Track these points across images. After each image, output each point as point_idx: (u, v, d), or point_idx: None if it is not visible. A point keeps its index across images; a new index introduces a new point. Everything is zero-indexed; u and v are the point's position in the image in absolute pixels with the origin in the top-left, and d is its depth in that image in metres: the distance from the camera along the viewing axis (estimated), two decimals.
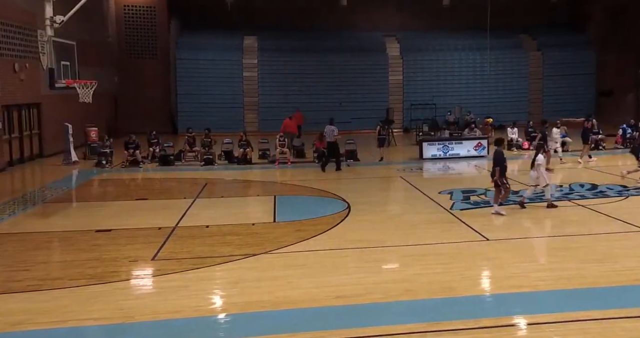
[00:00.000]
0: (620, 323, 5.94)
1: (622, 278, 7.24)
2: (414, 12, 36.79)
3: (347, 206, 12.58)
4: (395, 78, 35.90)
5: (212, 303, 7.13)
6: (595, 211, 11.21)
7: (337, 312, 6.61)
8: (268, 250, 9.15)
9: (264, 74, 34.80)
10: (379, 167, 19.68)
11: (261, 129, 33.09)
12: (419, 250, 8.96)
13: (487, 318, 6.20)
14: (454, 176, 18.24)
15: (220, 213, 12.29)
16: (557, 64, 36.29)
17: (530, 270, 7.71)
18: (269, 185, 16.68)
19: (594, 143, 21.92)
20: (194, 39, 34.87)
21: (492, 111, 32.35)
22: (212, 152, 20.53)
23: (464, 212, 11.63)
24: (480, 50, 35.48)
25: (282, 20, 35.55)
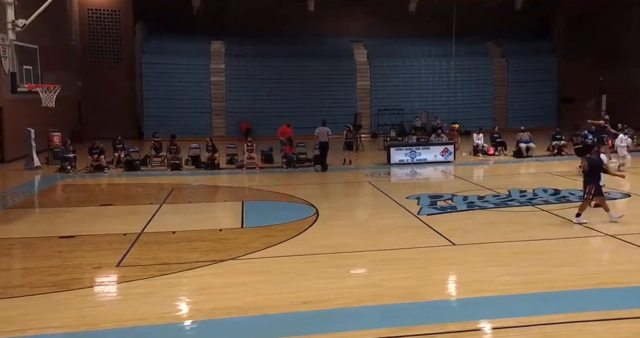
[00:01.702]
0: (584, 326, 6.04)
1: (585, 282, 7.37)
2: (381, 19, 37.09)
3: (315, 211, 12.56)
4: (363, 83, 36.13)
5: (178, 310, 7.03)
6: (558, 216, 11.42)
7: (304, 317, 6.59)
8: (235, 256, 9.07)
9: (232, 79, 34.64)
10: (347, 172, 19.75)
11: (229, 134, 32.95)
12: (387, 255, 8.99)
13: (453, 323, 6.23)
14: (421, 181, 18.42)
15: (187, 219, 12.15)
16: (521, 71, 37.02)
17: (495, 275, 7.80)
18: (237, 191, 16.57)
19: (557, 149, 22.37)
20: (160, 43, 34.53)
21: (459, 117, 32.84)
22: (179, 157, 20.32)
23: (431, 217, 11.72)
24: (447, 56, 35.98)
25: (250, 25, 35.43)
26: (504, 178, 17.44)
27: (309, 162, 20.98)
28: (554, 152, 22.44)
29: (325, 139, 19.73)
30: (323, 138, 19.74)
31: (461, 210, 12.40)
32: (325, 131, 19.85)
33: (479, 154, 23.12)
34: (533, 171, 19.47)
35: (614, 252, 8.78)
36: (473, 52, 37.26)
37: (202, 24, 34.71)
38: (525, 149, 22.19)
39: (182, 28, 34.42)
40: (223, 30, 35.55)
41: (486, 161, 22.03)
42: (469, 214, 12.06)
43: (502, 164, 21.30)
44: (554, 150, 22.45)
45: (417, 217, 11.79)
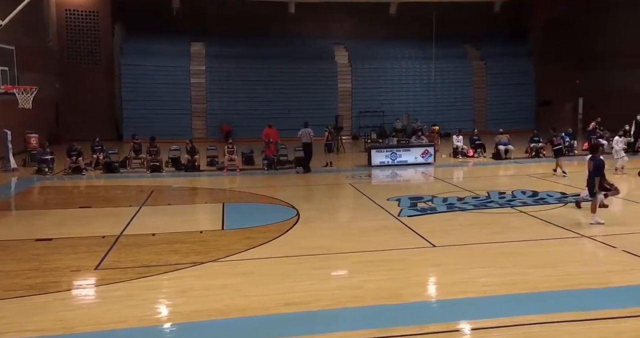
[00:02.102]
0: (562, 326, 6.11)
1: (564, 283, 7.46)
2: (362, 21, 37.25)
3: (296, 213, 12.56)
4: (344, 86, 36.24)
5: (157, 312, 6.97)
6: (536, 218, 11.55)
7: (286, 319, 6.58)
8: (216, 258, 9.03)
9: (212, 81, 34.51)
10: (328, 174, 19.77)
11: (209, 135, 32.80)
12: (368, 257, 9.01)
13: (434, 324, 6.27)
14: (401, 183, 18.50)
15: (167, 221, 12.06)
16: (499, 74, 37.42)
17: (475, 276, 7.86)
18: (217, 193, 16.50)
19: (535, 151, 22.63)
20: (139, 44, 34.27)
21: (439, 119, 33.04)
22: (158, 159, 20.17)
23: (412, 218, 11.78)
24: (427, 59, 36.25)
25: (230, 26, 35.36)
26: (483, 180, 17.60)
27: (290, 164, 20.97)
28: (532, 154, 22.71)
29: (308, 140, 19.76)
30: (306, 139, 19.76)
31: (441, 212, 12.49)
32: (307, 132, 19.91)
33: (458, 156, 23.30)
34: (511, 173, 19.67)
35: (591, 253, 8.91)
36: (452, 55, 37.61)
37: (182, 25, 34.58)
38: (504, 151, 22.42)
39: (162, 29, 34.24)
40: (203, 32, 35.44)
41: (466, 163, 22.21)
42: (449, 216, 12.14)
43: (481, 165, 21.49)
44: (532, 153, 22.71)
45: (398, 218, 11.84)
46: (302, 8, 34.53)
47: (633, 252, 8.71)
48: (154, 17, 34.06)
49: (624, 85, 32.84)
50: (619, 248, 8.96)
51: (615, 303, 6.70)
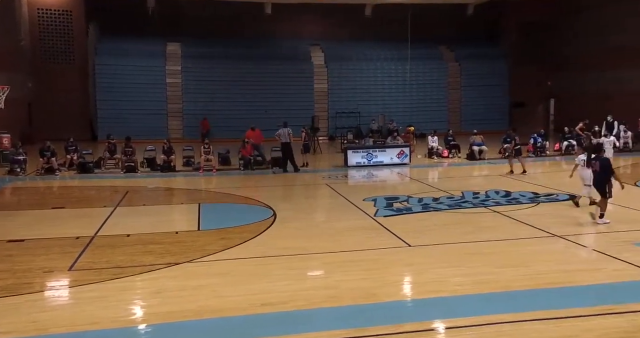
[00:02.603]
0: (532, 325, 6.21)
1: (535, 282, 7.58)
2: (337, 22, 37.35)
3: (272, 213, 12.56)
4: (320, 86, 36.31)
5: (132, 313, 6.93)
6: (509, 217, 11.72)
7: (262, 319, 6.58)
8: (192, 259, 8.99)
9: (188, 81, 34.31)
10: (305, 174, 19.80)
11: (185, 136, 32.59)
12: (344, 257, 9.06)
13: (408, 323, 6.33)
14: (377, 183, 18.60)
15: (142, 221, 11.98)
16: (473, 75, 37.84)
17: (449, 275, 7.96)
18: (193, 193, 16.42)
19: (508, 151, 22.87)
20: (113, 44, 33.90)
21: (414, 120, 33.28)
22: (134, 159, 20.00)
23: (387, 218, 11.86)
24: (402, 60, 36.51)
25: (206, 27, 35.18)
26: (457, 180, 17.79)
27: (266, 164, 20.95)
28: (505, 154, 22.95)
29: (287, 139, 19.77)
30: (285, 139, 19.77)
31: (417, 212, 12.60)
32: (286, 132, 19.91)
33: (433, 157, 23.51)
34: (485, 173, 19.92)
35: (561, 253, 9.06)
36: (427, 56, 37.90)
37: (157, 25, 34.26)
38: (478, 151, 22.68)
39: (137, 29, 33.90)
40: (179, 32, 35.19)
41: (440, 163, 22.43)
42: (424, 216, 12.26)
43: (455, 166, 21.72)
44: (505, 153, 22.95)
45: (374, 218, 11.91)
46: (278, 9, 34.49)
47: (602, 251, 8.90)
48: (129, 17, 33.70)
49: (595, 87, 33.47)
50: (589, 247, 9.15)
51: (584, 301, 6.83)
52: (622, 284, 7.47)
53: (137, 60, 33.52)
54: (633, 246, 9.16)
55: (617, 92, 31.16)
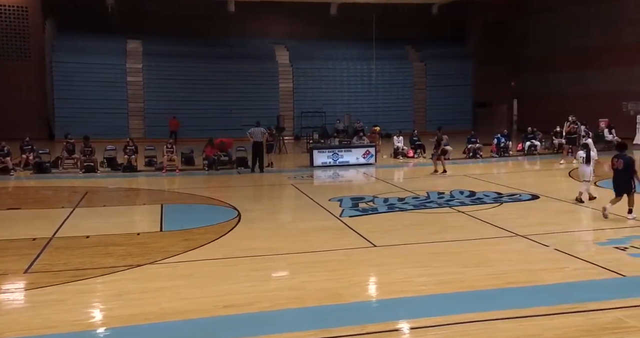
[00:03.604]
0: (496, 324, 6.24)
1: (498, 281, 7.63)
2: (303, 21, 37.30)
3: (237, 214, 12.42)
4: (285, 86, 36.19)
5: (91, 317, 6.74)
6: (473, 217, 11.82)
7: (225, 321, 6.48)
8: (154, 261, 8.81)
9: (150, 79, 33.74)
10: (270, 174, 19.68)
11: (147, 135, 32.06)
12: (309, 258, 9.00)
13: (373, 324, 6.29)
14: (343, 183, 18.60)
15: (102, 222, 11.71)
16: (439, 75, 38.19)
17: (414, 275, 7.96)
18: (156, 194, 16.14)
19: (472, 152, 23.21)
20: (71, 41, 33.10)
21: (380, 120, 33.45)
22: (93, 159, 19.56)
23: (353, 219, 11.84)
24: (368, 60, 36.64)
25: (168, 24, 34.69)
26: (422, 180, 17.90)
27: (231, 164, 20.75)
28: (469, 154, 23.26)
29: (260, 138, 19.64)
30: (257, 138, 19.62)
31: (382, 212, 12.61)
32: (259, 131, 19.79)
33: (399, 157, 23.64)
34: (450, 173, 20.06)
35: (524, 252, 9.15)
36: (393, 56, 38.12)
37: (117, 22, 33.60)
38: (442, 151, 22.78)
39: (96, 26, 33.19)
40: (140, 30, 34.59)
41: (406, 163, 22.55)
42: (389, 216, 12.27)
43: (421, 166, 21.86)
44: (470, 153, 23.27)
45: (339, 219, 11.87)
46: (241, 7, 34.23)
47: (563, 250, 9.02)
48: (87, 14, 33.02)
49: (556, 88, 34.19)
50: (550, 246, 9.27)
51: (546, 300, 6.88)
52: (582, 283, 7.57)
53: (97, 58, 32.83)
54: (593, 245, 9.33)
55: (578, 93, 31.92)
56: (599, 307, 6.60)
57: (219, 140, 20.87)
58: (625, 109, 29.01)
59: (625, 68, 29.07)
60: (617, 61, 29.45)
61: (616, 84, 29.75)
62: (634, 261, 8.43)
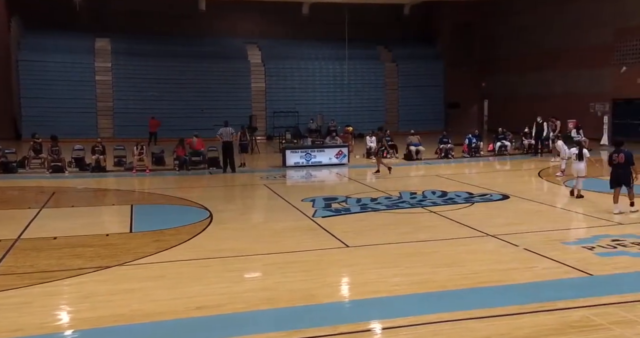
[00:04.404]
0: (467, 323, 6.28)
1: (469, 281, 7.69)
2: (275, 20, 37.17)
3: (209, 215, 12.31)
4: (258, 85, 36.01)
5: (58, 319, 6.61)
6: (445, 217, 11.91)
7: (197, 323, 6.41)
8: (123, 262, 8.68)
9: (119, 78, 33.21)
10: (242, 174, 19.56)
11: (116, 135, 31.57)
12: (282, 258, 8.96)
13: (345, 324, 6.28)
14: (316, 184, 18.59)
15: (70, 223, 11.49)
16: (410, 76, 38.40)
17: (386, 276, 7.97)
18: (125, 194, 15.93)
19: (444, 152, 23.39)
20: (38, 39, 32.37)
21: (352, 120, 33.53)
22: (61, 159, 19.20)
23: (326, 219, 11.82)
24: (340, 60, 36.68)
25: (138, 23, 34.18)
26: (395, 181, 17.95)
27: (203, 165, 20.57)
28: (441, 155, 23.45)
29: (229, 138, 19.53)
30: (227, 138, 19.51)
31: (355, 212, 12.61)
32: (228, 131, 19.69)
33: (371, 157, 23.67)
34: (422, 173, 20.23)
35: (494, 252, 9.24)
36: (365, 56, 38.22)
37: (85, 20, 33.02)
38: (415, 151, 23.01)
39: (64, 24, 32.53)
40: (109, 28, 34.02)
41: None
42: (362, 216, 12.28)
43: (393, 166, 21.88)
44: (442, 153, 23.45)
45: (312, 219, 11.85)
46: (212, 5, 33.95)
47: (532, 249, 9.13)
48: (54, 12, 32.32)
49: (525, 89, 34.69)
50: (520, 246, 9.37)
51: (516, 299, 6.96)
52: (551, 282, 7.67)
53: (64, 56, 32.21)
54: (561, 245, 9.46)
55: (547, 94, 32.44)
56: (567, 306, 6.68)
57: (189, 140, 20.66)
58: (592, 110, 29.56)
59: (592, 69, 29.62)
60: (584, 62, 29.98)
61: (583, 85, 30.30)
62: (601, 260, 8.57)
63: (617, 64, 28.31)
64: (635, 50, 27.53)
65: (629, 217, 11.54)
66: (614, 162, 11.85)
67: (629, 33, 27.56)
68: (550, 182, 16.81)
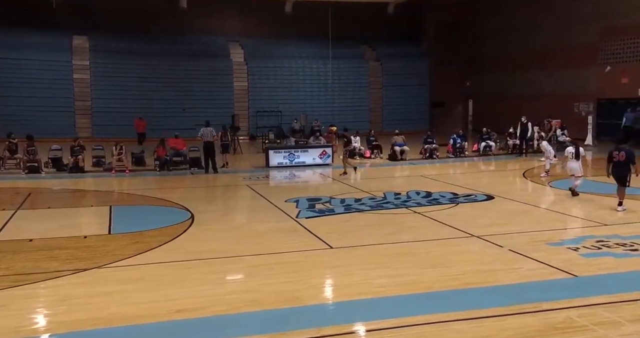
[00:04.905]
0: (452, 325, 6.21)
1: (455, 283, 7.62)
2: (258, 18, 36.97)
3: (190, 216, 12.14)
4: (240, 84, 35.79)
5: (35, 323, 6.44)
6: (430, 218, 11.84)
7: (178, 326, 6.27)
8: (102, 265, 8.49)
9: (98, 77, 32.77)
10: (225, 175, 19.39)
11: (95, 134, 31.15)
12: (265, 260, 8.83)
13: (330, 327, 6.20)
14: (300, 184, 18.47)
15: (46, 225, 11.27)
16: (395, 75, 38.37)
17: (371, 277, 7.88)
18: (104, 195, 15.67)
19: (429, 152, 23.38)
20: (13, 37, 31.78)
21: (336, 119, 33.43)
22: (37, 159, 18.87)
23: (310, 220, 11.71)
24: (324, 59, 36.57)
25: (117, 20, 33.77)
26: (379, 181, 17.92)
27: (184, 165, 20.34)
28: (426, 155, 23.44)
29: (210, 139, 19.36)
30: (208, 138, 19.35)
31: (339, 213, 12.50)
32: (209, 131, 19.52)
33: (355, 157, 23.60)
34: (407, 174, 20.20)
35: (480, 253, 9.19)
36: (349, 55, 38.13)
37: (62, 18, 32.52)
38: (399, 152, 22.97)
39: (40, 21, 32.00)
40: (87, 25, 33.52)
41: (363, 164, 22.55)
42: (346, 217, 12.18)
43: (378, 166, 21.92)
44: (426, 154, 23.45)
45: (296, 220, 11.73)
46: (194, 3, 33.67)
47: (517, 250, 9.09)
48: (30, 8, 31.80)
49: (510, 89, 34.86)
50: (505, 247, 9.33)
51: (501, 301, 6.90)
52: (536, 283, 7.63)
53: (41, 54, 31.70)
54: (546, 246, 9.43)
55: (531, 94, 32.65)
56: (552, 307, 6.65)
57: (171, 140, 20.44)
58: (577, 110, 29.78)
59: (576, 69, 29.85)
60: (568, 62, 30.20)
61: (567, 85, 30.53)
62: (585, 261, 8.56)
63: (602, 63, 28.55)
64: (620, 50, 27.80)
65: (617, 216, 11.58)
66: (614, 160, 11.90)
67: (613, 33, 27.83)
68: (535, 182, 16.85)
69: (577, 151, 13.60)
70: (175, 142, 20.53)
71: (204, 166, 19.71)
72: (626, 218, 11.53)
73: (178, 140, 20.66)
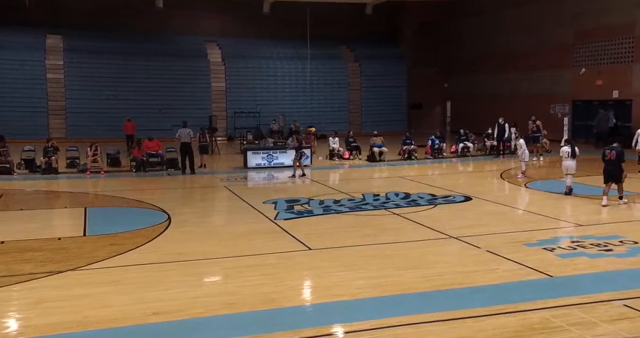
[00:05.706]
0: (429, 326, 6.22)
1: (432, 284, 7.65)
2: (235, 18, 36.77)
3: (167, 217, 12.02)
4: (218, 85, 35.54)
5: (6, 327, 6.32)
6: (408, 219, 11.87)
7: (154, 329, 6.20)
8: (76, 267, 8.36)
9: (72, 77, 32.25)
10: (202, 176, 19.25)
11: (69, 135, 30.66)
12: (242, 262, 8.77)
13: (307, 329, 6.18)
14: (278, 185, 18.37)
15: (18, 227, 11.10)
16: (373, 76, 38.41)
17: (349, 279, 7.87)
18: (79, 196, 15.43)
19: (407, 153, 23.42)
20: None
21: (315, 120, 33.40)
22: (9, 160, 18.54)
23: (288, 221, 11.66)
24: (302, 59, 36.47)
25: (92, 19, 33.31)
26: (358, 182, 17.93)
27: (160, 166, 20.13)
28: (404, 156, 23.49)
29: (187, 140, 19.21)
30: (185, 139, 19.19)
31: (317, 215, 12.47)
32: (186, 132, 19.39)
33: (334, 158, 23.60)
34: (385, 175, 20.23)
35: (457, 254, 9.23)
36: (327, 56, 38.10)
37: (36, 17, 31.98)
38: (378, 153, 22.99)
39: (12, 20, 31.43)
40: (60, 24, 33.01)
41: (342, 165, 22.55)
42: (325, 218, 12.15)
43: (356, 167, 21.93)
44: (405, 155, 23.50)
45: (274, 222, 11.67)
46: (170, 3, 33.37)
47: (494, 251, 9.15)
48: (2, 6, 31.22)
49: (487, 90, 35.14)
50: (482, 248, 9.39)
51: (478, 302, 6.93)
52: (512, 284, 7.68)
53: (13, 53, 31.17)
54: (523, 247, 9.50)
55: (508, 95, 32.96)
56: (528, 308, 6.70)
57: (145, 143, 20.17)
58: (553, 111, 30.13)
59: (552, 70, 30.21)
60: (544, 63, 30.54)
61: (543, 86, 30.88)
62: (561, 262, 8.64)
63: (577, 65, 28.94)
64: (594, 52, 28.19)
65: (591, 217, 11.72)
66: (606, 158, 12.83)
67: (588, 35, 28.22)
68: (512, 183, 17.00)
69: (573, 150, 14.10)
70: (149, 145, 20.19)
71: (180, 167, 19.54)
72: (600, 219, 11.72)
73: (152, 142, 20.33)
